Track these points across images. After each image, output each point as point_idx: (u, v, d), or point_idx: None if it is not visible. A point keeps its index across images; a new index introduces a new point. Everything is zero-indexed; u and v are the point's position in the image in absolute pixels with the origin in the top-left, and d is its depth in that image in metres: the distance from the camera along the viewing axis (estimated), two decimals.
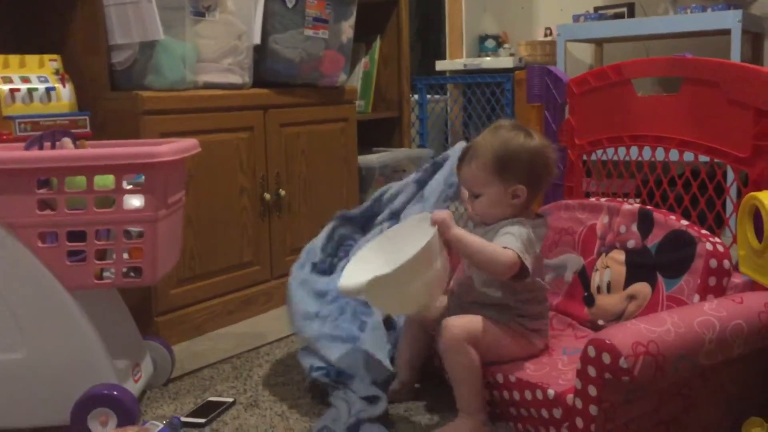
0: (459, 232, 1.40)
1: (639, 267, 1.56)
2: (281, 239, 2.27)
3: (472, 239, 1.41)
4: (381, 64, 2.90)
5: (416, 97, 3.54)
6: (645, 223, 1.58)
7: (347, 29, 2.41)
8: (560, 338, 1.60)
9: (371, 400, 1.48)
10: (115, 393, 1.40)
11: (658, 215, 1.56)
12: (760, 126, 1.51)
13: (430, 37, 4.06)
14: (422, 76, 3.65)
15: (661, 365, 1.16)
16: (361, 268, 1.46)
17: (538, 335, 1.50)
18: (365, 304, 1.66)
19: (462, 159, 1.50)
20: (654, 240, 1.55)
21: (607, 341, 1.16)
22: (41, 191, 1.38)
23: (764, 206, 1.27)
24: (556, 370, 1.42)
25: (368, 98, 2.89)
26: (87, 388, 1.40)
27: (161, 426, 1.38)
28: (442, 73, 3.81)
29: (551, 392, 1.32)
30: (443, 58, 3.90)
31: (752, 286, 1.40)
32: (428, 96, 3.59)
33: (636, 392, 1.21)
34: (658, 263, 1.52)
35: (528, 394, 1.37)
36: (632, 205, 1.63)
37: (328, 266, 1.84)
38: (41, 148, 1.50)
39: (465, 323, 1.42)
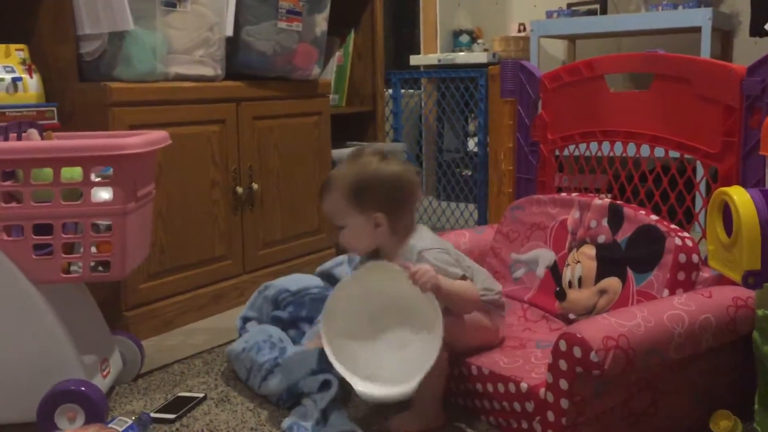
0: (447, 283, 1.37)
1: (609, 262, 1.57)
2: (253, 233, 2.25)
3: (456, 289, 1.39)
4: (355, 57, 2.89)
5: (390, 91, 3.53)
6: (615, 218, 1.59)
7: (321, 22, 2.39)
8: (534, 331, 1.61)
9: (324, 386, 1.48)
10: (83, 389, 1.38)
11: (628, 210, 1.58)
12: (730, 122, 1.53)
13: (405, 31, 4.05)
14: (396, 70, 3.65)
15: (631, 359, 1.17)
16: (344, 334, 1.39)
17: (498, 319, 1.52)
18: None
19: (322, 191, 1.48)
20: (624, 235, 1.56)
21: (578, 335, 1.17)
22: (6, 183, 1.35)
23: (733, 201, 1.28)
24: (529, 363, 1.43)
25: (342, 92, 2.87)
26: (54, 384, 1.38)
27: (130, 422, 1.36)
28: (417, 67, 3.81)
29: (524, 385, 1.33)
30: (417, 52, 3.90)
31: (721, 280, 1.42)
32: (402, 90, 3.59)
33: (606, 385, 1.22)
34: (628, 258, 1.54)
35: (501, 387, 1.37)
36: (602, 200, 1.64)
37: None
38: (6, 139, 1.47)
39: None
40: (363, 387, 1.33)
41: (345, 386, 1.43)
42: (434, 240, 1.49)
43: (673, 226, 1.52)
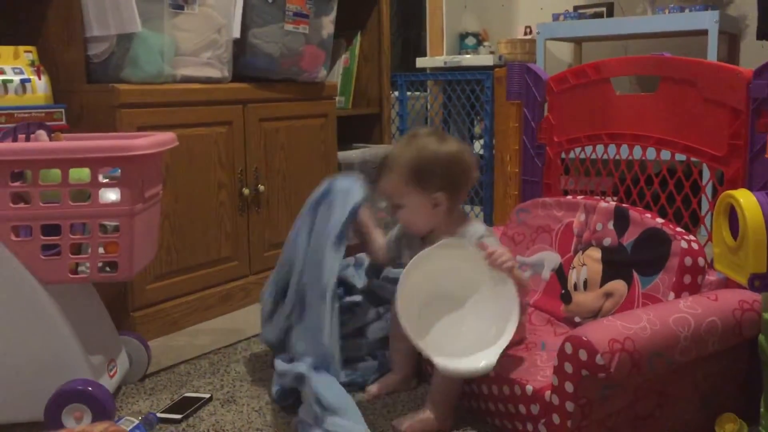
0: (516, 272, 1.40)
1: (615, 265, 1.57)
2: (260, 235, 2.25)
3: (518, 277, 1.41)
4: (361, 60, 2.90)
5: (396, 93, 3.53)
6: (621, 221, 1.59)
7: (328, 24, 2.40)
8: (539, 334, 1.61)
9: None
10: (90, 389, 1.38)
11: (634, 213, 1.58)
12: (736, 125, 1.53)
13: (411, 33, 4.06)
14: (402, 72, 3.65)
15: (636, 362, 1.17)
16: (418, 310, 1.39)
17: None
18: None
19: (379, 171, 1.49)
20: (630, 238, 1.56)
21: (584, 338, 1.17)
22: (15, 184, 1.36)
23: (739, 204, 1.28)
24: (534, 366, 1.43)
25: (348, 94, 2.88)
26: (61, 384, 1.38)
27: (136, 422, 1.37)
28: (423, 70, 3.81)
29: (529, 388, 1.33)
30: (424, 55, 3.90)
31: (727, 283, 1.41)
32: (408, 93, 3.59)
33: (612, 389, 1.22)
34: (634, 261, 1.54)
35: (506, 390, 1.38)
36: (608, 203, 1.64)
37: None
38: (15, 140, 1.48)
39: None
40: (446, 362, 1.33)
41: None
42: (486, 228, 1.51)
43: (678, 229, 1.51)
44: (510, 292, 1.38)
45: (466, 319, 1.42)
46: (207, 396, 1.59)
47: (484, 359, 1.33)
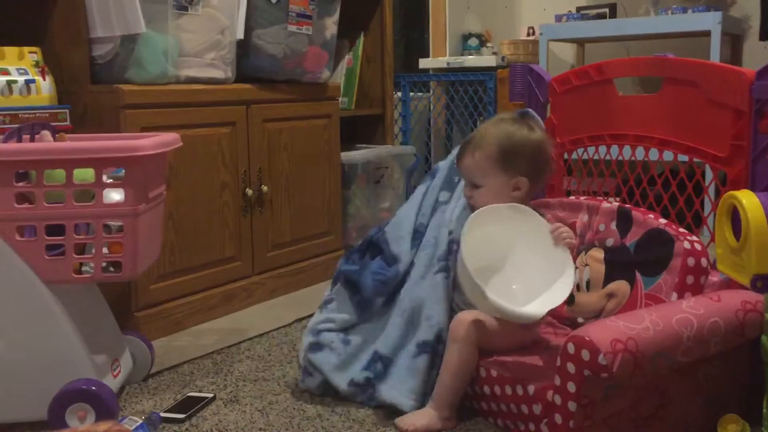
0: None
1: (618, 265, 1.57)
2: (263, 235, 2.26)
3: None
4: (364, 61, 2.90)
5: (399, 94, 3.54)
6: (623, 221, 1.59)
7: (331, 25, 2.40)
8: (542, 334, 1.61)
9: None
10: (94, 388, 1.39)
11: (637, 214, 1.58)
12: (739, 126, 1.53)
13: (414, 34, 4.06)
14: (405, 73, 3.65)
15: (639, 362, 1.17)
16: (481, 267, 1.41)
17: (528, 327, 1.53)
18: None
19: (464, 149, 1.51)
20: (633, 238, 1.56)
21: (587, 338, 1.17)
22: (19, 184, 1.36)
23: (742, 205, 1.28)
24: (537, 366, 1.43)
25: (351, 95, 2.88)
26: (65, 383, 1.39)
27: (140, 421, 1.37)
28: (426, 70, 3.81)
29: (532, 388, 1.33)
30: (426, 56, 3.90)
31: (730, 284, 1.41)
32: (411, 93, 3.60)
33: (614, 389, 1.23)
34: (637, 261, 1.54)
35: (509, 389, 1.38)
36: (611, 204, 1.64)
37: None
38: (20, 140, 1.49)
39: (473, 320, 1.44)
40: (495, 299, 1.35)
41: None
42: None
43: (681, 229, 1.51)
44: (566, 258, 1.42)
45: (519, 280, 1.45)
46: (210, 396, 1.59)
47: (541, 306, 1.36)
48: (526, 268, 1.47)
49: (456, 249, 1.50)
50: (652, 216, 1.56)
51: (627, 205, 1.62)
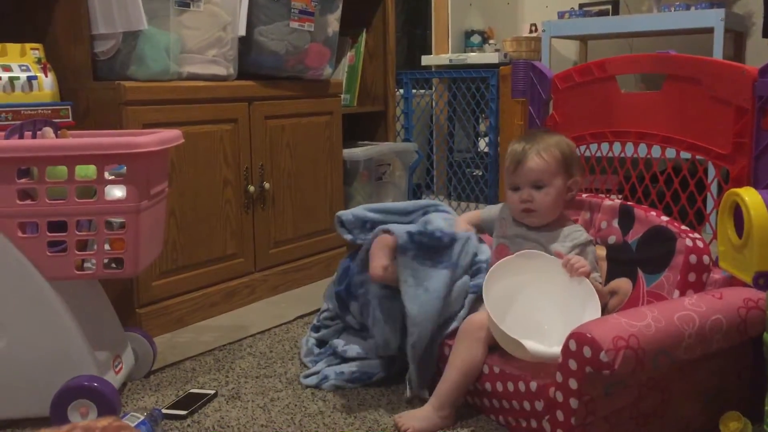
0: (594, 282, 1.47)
1: (620, 263, 1.57)
2: (265, 232, 2.26)
3: (598, 287, 1.48)
4: (367, 57, 2.90)
5: (401, 91, 3.54)
6: (626, 218, 1.59)
7: (333, 22, 2.40)
8: None
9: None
10: (96, 385, 1.39)
11: (639, 211, 1.57)
12: (741, 123, 1.53)
13: (416, 31, 4.06)
14: (408, 70, 3.65)
15: (641, 359, 1.17)
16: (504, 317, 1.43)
17: None
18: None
19: (525, 154, 1.56)
20: (635, 236, 1.56)
21: (588, 335, 1.17)
22: (21, 181, 1.36)
23: (744, 202, 1.28)
24: (539, 363, 1.43)
25: (353, 92, 2.88)
26: (67, 380, 1.39)
27: (142, 418, 1.37)
28: (428, 67, 3.81)
29: (534, 384, 1.33)
30: (429, 53, 3.90)
31: (732, 282, 1.41)
32: (413, 90, 3.59)
33: (616, 386, 1.23)
34: (639, 259, 1.54)
35: (510, 386, 1.38)
36: (613, 201, 1.64)
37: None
38: (22, 137, 1.49)
39: (485, 321, 1.44)
40: (532, 346, 1.35)
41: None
42: (587, 235, 1.59)
43: (684, 227, 1.51)
44: (587, 289, 1.43)
45: (548, 321, 1.45)
46: (212, 392, 1.59)
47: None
48: (550, 307, 1.46)
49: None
50: (654, 213, 1.56)
51: (629, 203, 1.62)
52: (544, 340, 1.38)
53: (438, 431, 1.42)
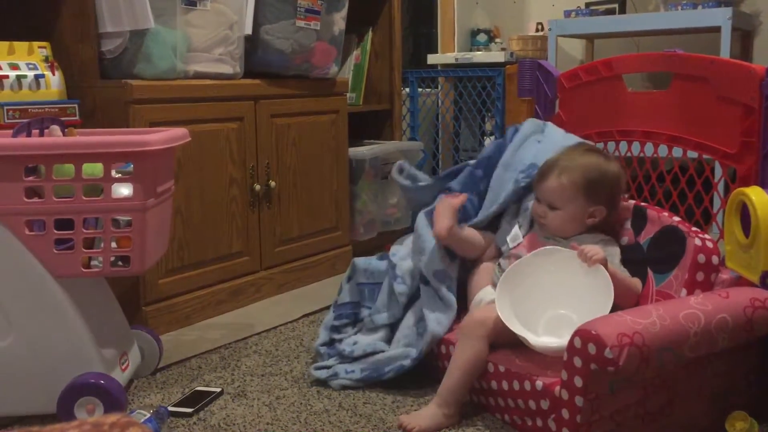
0: (612, 268, 1.44)
1: (631, 263, 1.56)
2: (271, 230, 2.26)
3: (621, 275, 1.47)
4: (373, 56, 2.90)
5: (407, 90, 3.54)
6: (639, 219, 1.59)
7: (339, 21, 2.40)
8: None
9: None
10: (102, 382, 1.39)
11: (652, 212, 1.57)
12: (749, 122, 1.52)
13: (422, 30, 4.05)
14: (414, 69, 3.65)
15: (646, 356, 1.17)
16: (513, 312, 1.44)
17: None
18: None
19: (548, 171, 1.55)
20: (646, 236, 1.56)
21: (593, 332, 1.17)
22: (29, 179, 1.37)
23: (752, 202, 1.28)
24: (544, 361, 1.42)
25: (359, 90, 2.88)
26: (74, 377, 1.40)
27: (148, 415, 1.38)
28: (434, 66, 3.81)
29: (539, 383, 1.33)
30: (435, 51, 3.90)
31: (740, 282, 1.41)
32: (419, 89, 3.59)
33: (621, 383, 1.22)
34: (649, 259, 1.53)
35: (516, 385, 1.38)
36: (627, 202, 1.64)
37: None
38: (29, 135, 1.49)
39: (486, 317, 1.46)
40: (539, 341, 1.37)
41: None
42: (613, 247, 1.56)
43: (694, 228, 1.51)
44: (603, 277, 1.41)
45: (567, 313, 1.45)
46: (218, 390, 1.60)
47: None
48: (570, 300, 1.45)
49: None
50: (666, 214, 1.56)
51: (643, 204, 1.62)
52: (566, 334, 1.38)
53: (443, 429, 1.42)
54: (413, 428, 1.40)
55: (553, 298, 1.46)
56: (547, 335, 1.42)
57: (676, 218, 1.54)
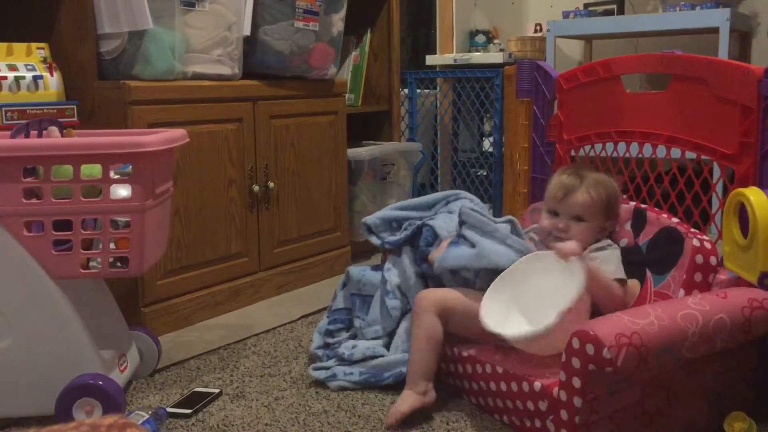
0: (591, 264, 1.46)
1: (629, 264, 1.57)
2: (269, 231, 2.26)
3: (602, 275, 1.49)
4: (371, 57, 2.90)
5: (406, 91, 3.53)
6: (638, 221, 1.60)
7: (338, 22, 2.40)
8: None
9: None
10: (101, 383, 1.39)
11: (651, 213, 1.58)
12: (747, 123, 1.52)
13: (421, 31, 4.05)
14: (412, 70, 3.65)
15: (644, 357, 1.17)
16: (497, 311, 1.47)
17: None
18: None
19: (575, 186, 1.59)
20: (645, 237, 1.56)
21: (591, 332, 1.17)
22: (27, 180, 1.37)
23: (750, 202, 1.28)
24: (542, 362, 1.43)
25: (358, 91, 2.88)
26: (72, 378, 1.40)
27: (147, 416, 1.38)
28: (433, 67, 3.81)
29: (537, 384, 1.33)
30: (433, 52, 3.90)
31: (738, 283, 1.41)
32: (418, 90, 3.59)
33: (619, 384, 1.22)
34: (648, 260, 1.54)
35: (514, 386, 1.38)
36: (627, 204, 1.65)
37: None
38: (27, 136, 1.49)
39: (437, 296, 1.53)
40: (509, 331, 1.39)
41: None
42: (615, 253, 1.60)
43: (692, 229, 1.51)
44: (576, 269, 1.41)
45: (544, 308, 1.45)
46: (216, 391, 1.60)
47: (545, 321, 1.35)
48: (556, 295, 1.44)
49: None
50: (665, 215, 1.56)
51: (643, 206, 1.62)
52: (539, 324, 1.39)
53: (422, 407, 1.46)
54: (395, 417, 1.43)
55: (539, 298, 1.47)
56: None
57: (675, 219, 1.54)
